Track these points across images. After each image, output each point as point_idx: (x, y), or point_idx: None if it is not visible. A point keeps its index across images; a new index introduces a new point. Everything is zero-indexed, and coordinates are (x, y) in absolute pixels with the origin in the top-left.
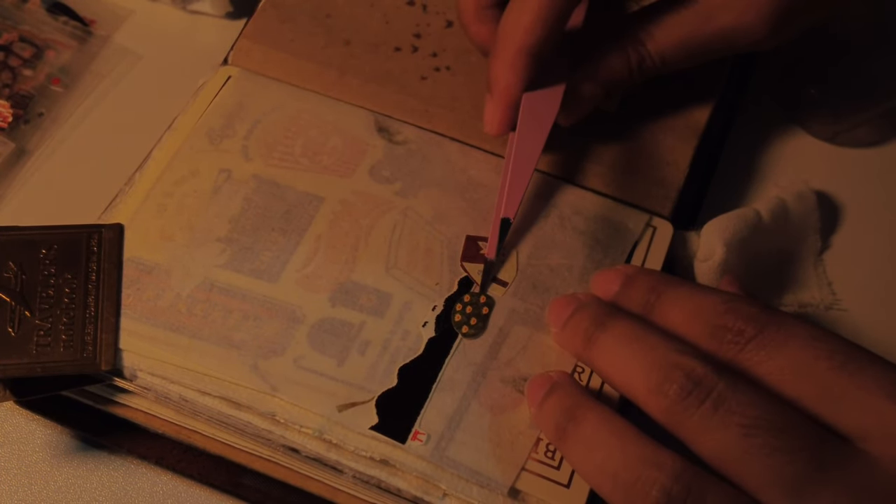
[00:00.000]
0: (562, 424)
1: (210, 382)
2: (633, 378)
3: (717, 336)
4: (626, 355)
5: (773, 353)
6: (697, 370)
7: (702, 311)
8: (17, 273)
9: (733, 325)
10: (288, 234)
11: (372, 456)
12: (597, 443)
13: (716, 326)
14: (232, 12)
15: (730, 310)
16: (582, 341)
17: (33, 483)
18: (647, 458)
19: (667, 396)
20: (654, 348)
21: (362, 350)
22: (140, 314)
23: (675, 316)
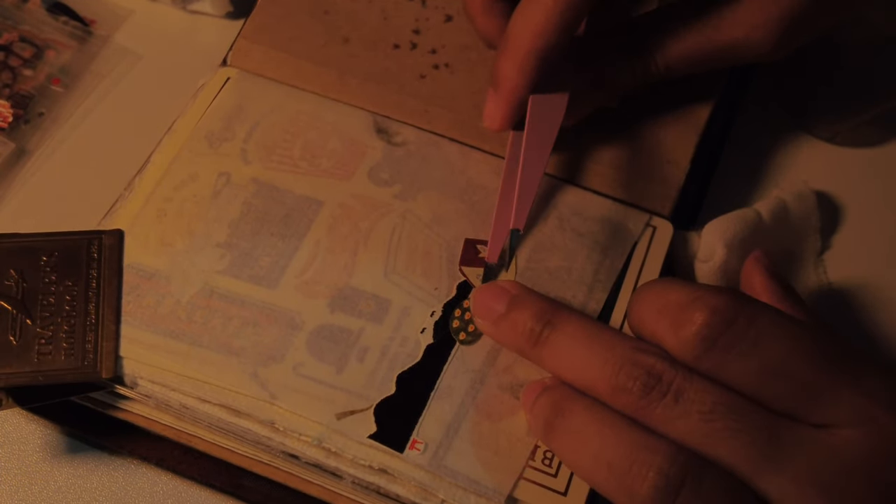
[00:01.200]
0: (550, 419)
1: (210, 390)
2: (594, 376)
3: (681, 334)
4: (583, 354)
5: (745, 354)
6: (657, 366)
7: (663, 306)
8: (19, 281)
9: (699, 321)
10: (287, 238)
11: (370, 464)
12: (588, 433)
13: (680, 322)
14: (232, 12)
15: (695, 300)
16: (527, 340)
17: (33, 483)
18: (641, 443)
19: (631, 393)
20: (612, 347)
21: (361, 357)
22: (140, 321)
23: (646, 313)
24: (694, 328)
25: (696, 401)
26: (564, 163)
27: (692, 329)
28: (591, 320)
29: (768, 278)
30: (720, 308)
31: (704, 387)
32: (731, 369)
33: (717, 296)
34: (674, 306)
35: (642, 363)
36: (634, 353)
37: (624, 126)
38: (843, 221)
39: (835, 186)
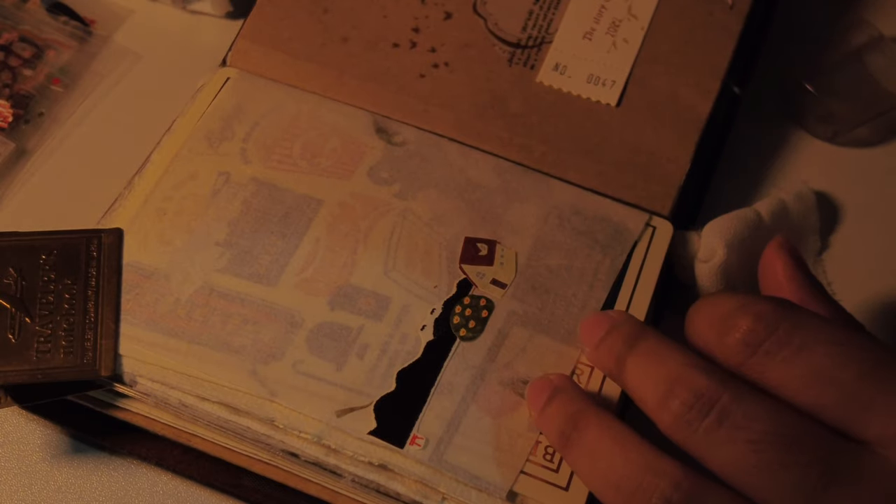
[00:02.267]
0: (566, 432)
1: (209, 388)
2: (645, 394)
3: (726, 341)
4: (647, 373)
5: (789, 360)
6: (700, 382)
7: (713, 317)
8: (17, 279)
9: (743, 327)
10: (287, 237)
11: (370, 461)
12: (600, 451)
13: (725, 329)
14: (232, 12)
15: (740, 307)
16: (614, 363)
17: (33, 483)
18: (649, 465)
19: (671, 411)
20: (664, 363)
21: (361, 354)
22: (140, 319)
23: (699, 326)
24: (738, 335)
25: (743, 427)
26: (563, 162)
27: (736, 336)
28: (667, 340)
29: (792, 266)
30: (764, 314)
31: (755, 411)
32: (774, 376)
33: (762, 302)
34: (720, 315)
35: (685, 378)
36: (682, 367)
37: (623, 124)
38: (843, 221)
39: (835, 186)
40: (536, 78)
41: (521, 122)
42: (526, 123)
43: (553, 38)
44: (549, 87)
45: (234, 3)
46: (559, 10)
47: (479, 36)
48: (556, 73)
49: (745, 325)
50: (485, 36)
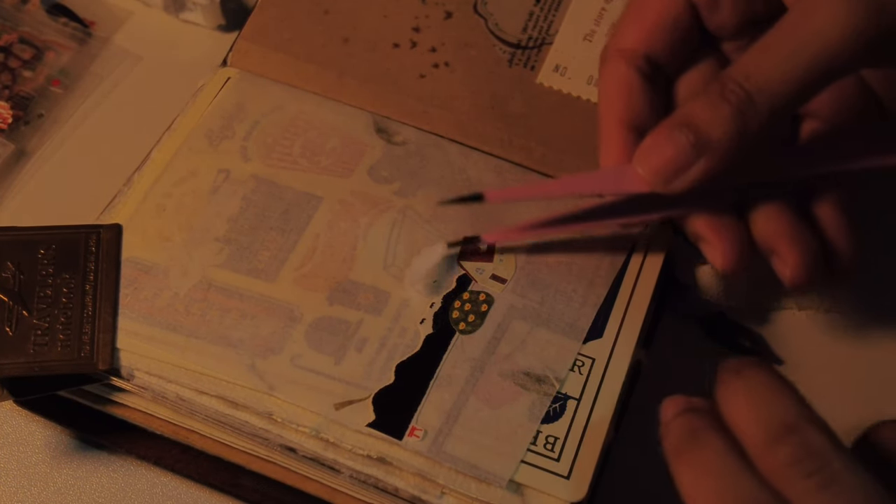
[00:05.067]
0: (682, 442)
1: (207, 382)
2: (751, 428)
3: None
4: (754, 406)
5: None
6: (817, 442)
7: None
8: (16, 273)
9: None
10: (286, 233)
11: (369, 454)
12: (710, 471)
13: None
14: (224, 25)
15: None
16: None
17: (33, 484)
18: (753, 499)
19: (776, 457)
20: (783, 405)
21: (359, 347)
22: (138, 314)
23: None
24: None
25: (846, 495)
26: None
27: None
28: (779, 378)
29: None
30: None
31: (863, 484)
32: None
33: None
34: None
35: (803, 432)
36: (802, 420)
37: None
38: None
39: None
40: (537, 79)
41: (521, 123)
42: (526, 124)
43: (553, 40)
44: (550, 88)
45: (226, 16)
46: (560, 11)
47: (480, 36)
48: (556, 74)
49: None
50: (485, 36)
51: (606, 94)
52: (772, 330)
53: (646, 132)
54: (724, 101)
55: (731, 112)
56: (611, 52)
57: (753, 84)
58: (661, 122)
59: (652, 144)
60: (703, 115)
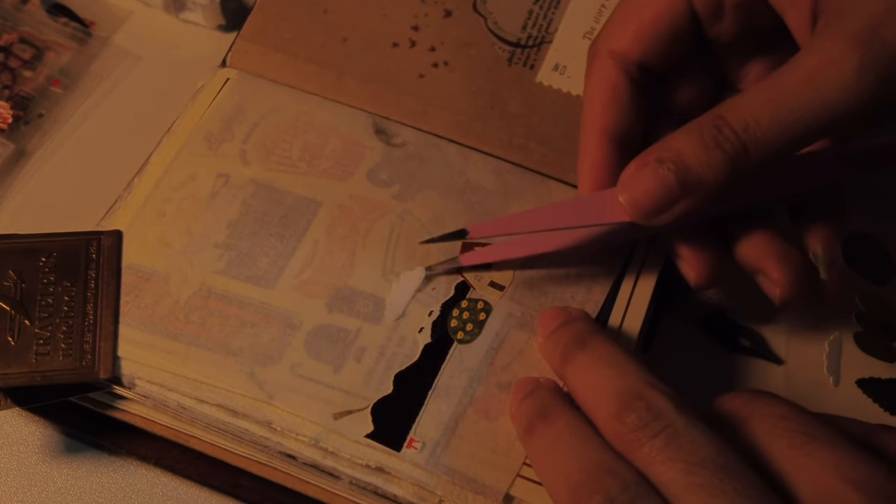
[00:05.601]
0: (532, 420)
1: (207, 390)
2: (599, 401)
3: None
4: (598, 378)
5: (739, 424)
6: (661, 405)
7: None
8: (17, 281)
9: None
10: (285, 239)
11: (367, 464)
12: (561, 443)
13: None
14: (224, 25)
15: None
16: (560, 356)
17: (33, 484)
18: (604, 464)
19: (624, 424)
20: (626, 375)
21: (358, 357)
22: (138, 321)
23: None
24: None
25: (687, 450)
26: (562, 163)
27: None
28: (622, 350)
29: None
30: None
31: (704, 440)
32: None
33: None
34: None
35: (648, 398)
36: (644, 387)
37: None
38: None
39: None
40: (536, 78)
41: (520, 123)
42: (525, 124)
43: (553, 38)
44: (549, 87)
45: (226, 15)
46: (559, 9)
47: (479, 35)
48: (555, 73)
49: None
50: (485, 35)
51: (592, 100)
52: (772, 330)
53: (629, 144)
54: (718, 148)
55: (724, 159)
56: (601, 52)
57: (751, 136)
58: (648, 142)
59: (637, 177)
60: (694, 156)
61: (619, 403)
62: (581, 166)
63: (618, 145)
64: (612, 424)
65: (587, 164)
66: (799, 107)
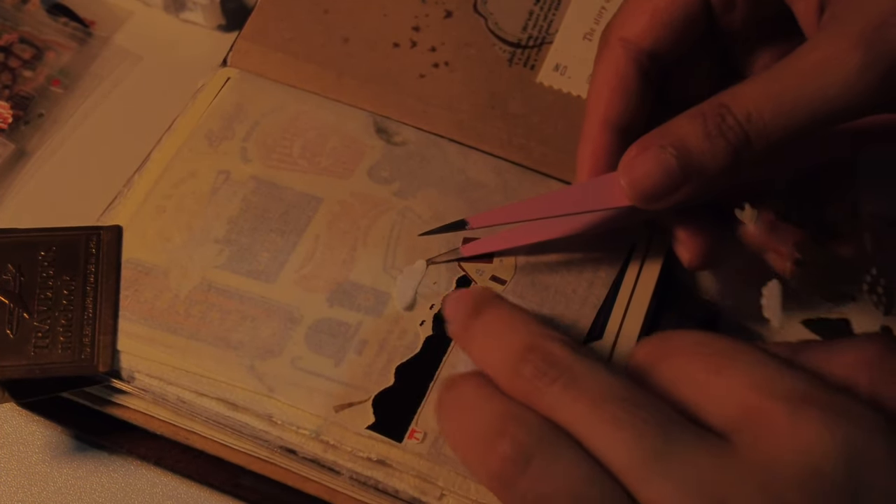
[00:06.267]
0: (441, 395)
1: (207, 384)
2: (496, 362)
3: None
4: (493, 340)
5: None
6: (556, 353)
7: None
8: (16, 275)
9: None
10: (286, 234)
11: (369, 456)
12: (468, 407)
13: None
14: (224, 25)
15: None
16: (461, 330)
17: (33, 484)
18: (508, 413)
19: (523, 377)
20: (517, 331)
21: (359, 350)
22: (138, 315)
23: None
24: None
25: (589, 389)
26: (562, 160)
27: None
28: (515, 309)
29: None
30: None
31: (606, 378)
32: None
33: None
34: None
35: (542, 348)
36: (537, 338)
37: None
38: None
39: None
40: (536, 78)
41: (520, 123)
42: (526, 124)
43: (553, 39)
44: (550, 87)
45: (226, 15)
46: (560, 10)
47: (480, 35)
48: (556, 73)
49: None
50: (485, 35)
51: (599, 87)
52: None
53: (631, 133)
54: (721, 137)
55: (727, 148)
56: (612, 39)
57: (753, 126)
58: (649, 129)
59: (639, 161)
60: (697, 143)
61: (514, 359)
62: (581, 152)
63: (620, 134)
64: (512, 380)
65: (588, 151)
66: (802, 101)
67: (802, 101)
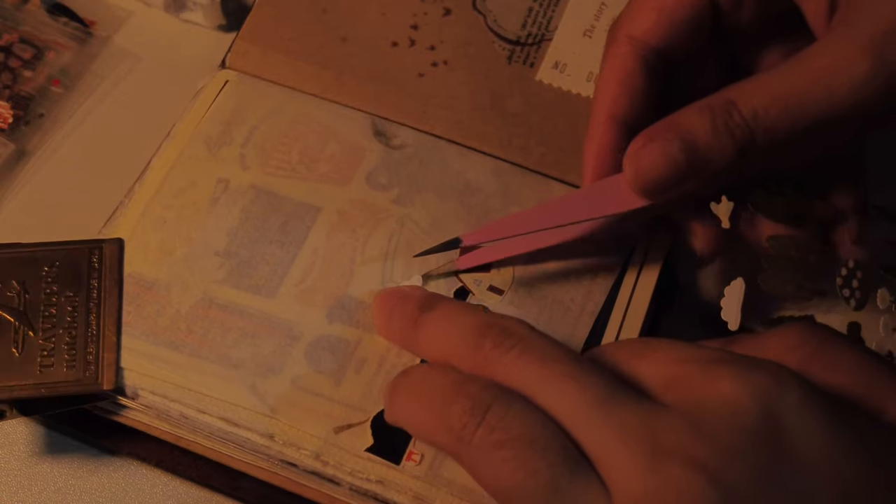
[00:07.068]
0: (391, 386)
1: (210, 402)
2: (456, 342)
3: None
4: (453, 325)
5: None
6: (512, 326)
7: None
8: (21, 292)
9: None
10: (285, 246)
11: (368, 476)
12: (420, 385)
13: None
14: (225, 25)
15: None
16: (409, 325)
17: (33, 484)
18: (462, 380)
19: (482, 348)
20: (477, 314)
21: (358, 368)
22: (141, 332)
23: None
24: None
25: (541, 351)
26: (561, 163)
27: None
28: (466, 303)
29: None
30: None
31: (556, 345)
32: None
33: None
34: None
35: (499, 324)
36: (497, 318)
37: None
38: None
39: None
40: (536, 76)
41: (520, 122)
42: (525, 123)
43: (553, 36)
44: (549, 85)
45: (227, 15)
46: (559, 7)
47: (479, 33)
48: (555, 71)
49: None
50: (484, 33)
51: (606, 85)
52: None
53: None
54: (728, 134)
55: (733, 143)
56: (620, 37)
57: (759, 125)
58: (655, 122)
59: (645, 151)
60: (704, 137)
61: (475, 334)
62: (587, 151)
63: (626, 130)
64: (471, 355)
65: (593, 150)
66: (809, 103)
67: (810, 104)
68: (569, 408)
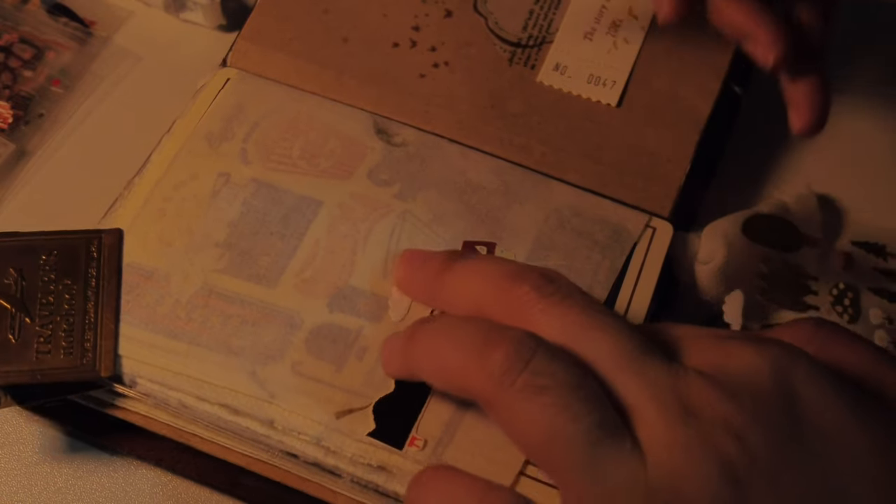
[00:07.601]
0: (405, 342)
1: (209, 389)
2: (490, 282)
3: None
4: (488, 266)
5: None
6: (553, 273)
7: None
8: (18, 279)
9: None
10: (286, 238)
11: (369, 462)
12: (443, 332)
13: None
14: (225, 25)
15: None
16: (436, 272)
17: (33, 484)
18: (494, 326)
19: (519, 296)
20: (507, 263)
21: (360, 356)
22: (139, 320)
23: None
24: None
25: (581, 298)
26: (563, 163)
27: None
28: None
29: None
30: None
31: (591, 300)
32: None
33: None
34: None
35: (537, 269)
36: (527, 266)
37: (623, 123)
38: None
39: (837, 189)
40: (537, 78)
41: (521, 123)
42: (526, 124)
43: (554, 38)
44: (550, 87)
45: (227, 15)
46: (560, 9)
47: (480, 35)
48: (556, 72)
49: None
50: (485, 35)
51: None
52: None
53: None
54: None
55: None
56: None
57: None
58: None
59: None
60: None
61: (511, 278)
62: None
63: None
64: (506, 298)
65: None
66: None
67: None
68: (607, 359)
